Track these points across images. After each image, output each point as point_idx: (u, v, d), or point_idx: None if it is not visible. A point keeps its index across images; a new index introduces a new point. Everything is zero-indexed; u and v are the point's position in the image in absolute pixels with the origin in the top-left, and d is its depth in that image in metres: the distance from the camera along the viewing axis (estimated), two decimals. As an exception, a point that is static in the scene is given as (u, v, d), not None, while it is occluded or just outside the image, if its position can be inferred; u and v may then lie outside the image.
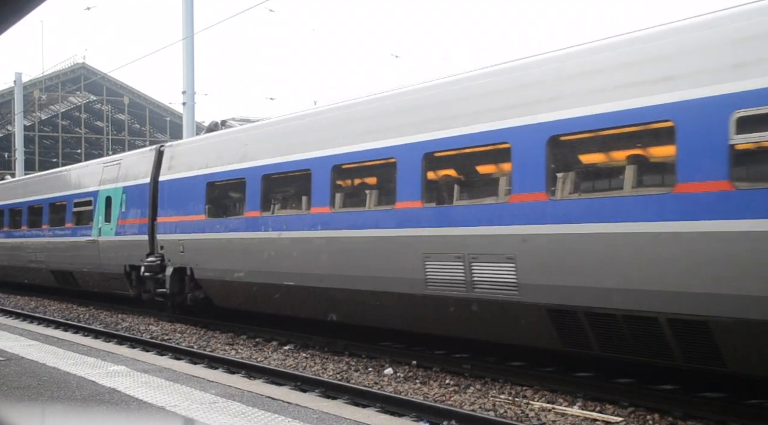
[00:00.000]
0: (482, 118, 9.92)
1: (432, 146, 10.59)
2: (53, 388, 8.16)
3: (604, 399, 8.75)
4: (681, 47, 8.01)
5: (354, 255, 11.85)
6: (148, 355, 12.07)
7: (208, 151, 16.18)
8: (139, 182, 18.57)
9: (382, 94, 12.03)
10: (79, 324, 17.43)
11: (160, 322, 17.48)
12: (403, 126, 11.09)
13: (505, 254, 9.46)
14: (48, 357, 10.55)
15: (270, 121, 15.24)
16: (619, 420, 8.04)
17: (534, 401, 8.93)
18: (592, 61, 8.88)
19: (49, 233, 23.52)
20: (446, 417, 8.05)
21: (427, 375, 10.67)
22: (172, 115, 56.56)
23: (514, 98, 9.63)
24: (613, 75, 8.55)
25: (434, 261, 10.42)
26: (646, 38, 8.41)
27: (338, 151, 12.22)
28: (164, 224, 17.18)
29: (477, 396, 9.32)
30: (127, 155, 20.99)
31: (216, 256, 15.27)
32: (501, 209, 9.62)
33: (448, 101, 10.56)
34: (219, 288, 15.64)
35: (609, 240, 8.36)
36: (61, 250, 22.34)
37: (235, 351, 13.34)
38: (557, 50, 9.49)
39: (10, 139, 54.52)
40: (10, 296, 25.79)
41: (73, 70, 59.20)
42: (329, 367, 11.45)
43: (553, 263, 8.98)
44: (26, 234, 25.43)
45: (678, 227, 7.76)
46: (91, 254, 20.38)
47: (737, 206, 7.34)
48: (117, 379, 8.83)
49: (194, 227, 16.03)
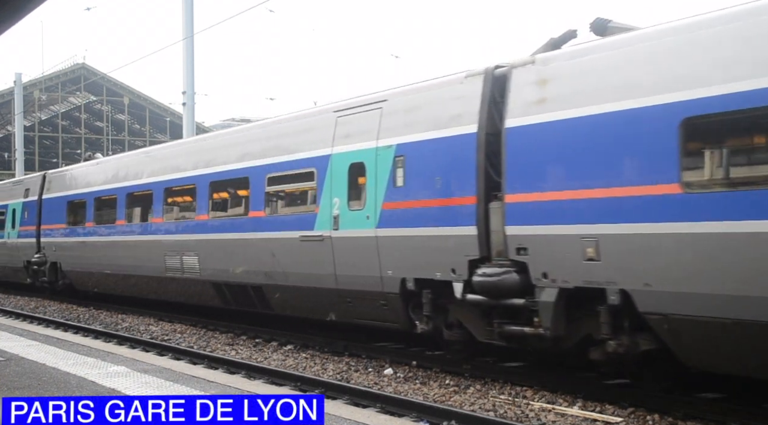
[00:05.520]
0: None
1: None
2: (53, 388, 8.17)
3: (604, 399, 8.75)
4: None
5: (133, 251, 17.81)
6: (148, 355, 12.08)
7: (68, 179, 22.46)
8: (31, 198, 24.30)
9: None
10: (79, 324, 17.41)
11: (160, 322, 17.46)
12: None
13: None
14: (48, 358, 10.56)
15: (102, 160, 22.98)
16: (619, 421, 8.05)
17: (534, 401, 8.93)
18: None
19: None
20: (446, 417, 8.05)
21: (427, 375, 10.67)
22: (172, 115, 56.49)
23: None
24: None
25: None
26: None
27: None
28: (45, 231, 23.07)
29: (477, 396, 9.32)
30: (26, 178, 27.52)
31: (72, 253, 21.31)
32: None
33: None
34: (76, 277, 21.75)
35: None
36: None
37: (235, 351, 13.34)
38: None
39: (10, 139, 54.55)
40: (10, 297, 25.77)
41: (73, 71, 59.12)
42: (329, 367, 11.45)
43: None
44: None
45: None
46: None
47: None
48: (117, 379, 8.84)
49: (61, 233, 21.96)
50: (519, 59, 9.49)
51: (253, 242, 13.60)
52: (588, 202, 8.39)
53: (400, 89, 11.40)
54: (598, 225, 8.29)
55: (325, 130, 12.18)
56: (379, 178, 10.93)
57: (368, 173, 11.13)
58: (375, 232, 10.91)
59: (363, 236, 11.14)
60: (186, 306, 17.41)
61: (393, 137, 10.86)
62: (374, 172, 11.01)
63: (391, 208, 10.77)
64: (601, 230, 8.22)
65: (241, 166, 14.17)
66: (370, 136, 11.21)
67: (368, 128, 11.29)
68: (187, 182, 16.04)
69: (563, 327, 8.86)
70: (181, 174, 16.26)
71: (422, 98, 10.79)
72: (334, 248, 11.64)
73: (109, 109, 62.80)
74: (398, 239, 10.68)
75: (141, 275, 18.00)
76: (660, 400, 8.48)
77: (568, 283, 8.60)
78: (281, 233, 12.91)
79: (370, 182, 11.10)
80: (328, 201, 11.77)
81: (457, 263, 9.76)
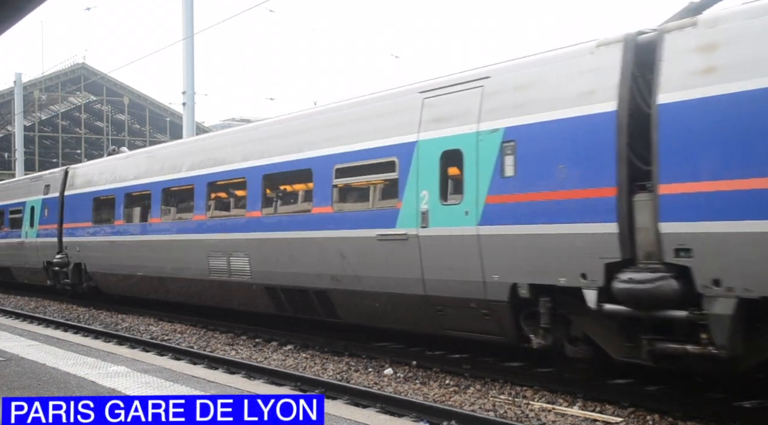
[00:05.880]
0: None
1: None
2: (53, 388, 8.17)
3: (604, 399, 8.75)
4: None
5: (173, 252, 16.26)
6: (148, 355, 12.08)
7: (94, 174, 20.89)
8: (51, 195, 22.73)
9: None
10: (78, 324, 17.41)
11: (160, 322, 17.46)
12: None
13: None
14: (48, 358, 10.56)
15: (131, 153, 20.75)
16: (619, 420, 8.05)
17: (534, 401, 8.93)
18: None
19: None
20: (446, 417, 8.04)
21: (427, 375, 10.67)
22: (172, 115, 56.49)
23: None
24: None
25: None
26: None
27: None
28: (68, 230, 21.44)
29: (477, 396, 9.32)
30: (46, 174, 25.32)
31: (99, 254, 19.85)
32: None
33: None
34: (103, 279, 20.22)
35: None
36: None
37: (235, 351, 13.34)
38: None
39: (10, 139, 54.54)
40: (10, 297, 25.77)
41: (73, 71, 59.11)
42: (329, 367, 11.45)
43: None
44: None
45: None
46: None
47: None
48: (117, 379, 8.84)
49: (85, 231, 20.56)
50: (673, 23, 8.08)
51: (318, 241, 12.09)
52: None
53: (506, 65, 9.91)
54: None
55: (408, 113, 10.72)
56: (482, 167, 9.40)
57: (466, 162, 9.62)
58: (476, 230, 9.42)
59: (460, 234, 9.64)
60: (186, 306, 17.36)
61: (499, 120, 9.33)
62: (474, 160, 9.50)
63: (498, 202, 9.23)
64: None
65: (303, 156, 12.59)
66: (468, 119, 9.71)
67: (465, 110, 9.79)
68: (236, 175, 14.45)
69: (741, 346, 7.37)
70: (228, 167, 14.75)
71: (537, 74, 9.28)
72: (421, 249, 10.20)
73: (109, 109, 62.79)
74: (508, 239, 9.15)
75: (178, 278, 16.43)
76: (660, 400, 8.48)
77: (750, 292, 7.09)
78: (353, 232, 11.43)
79: (469, 172, 9.58)
80: (414, 195, 10.33)
81: (590, 266, 8.26)
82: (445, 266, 9.94)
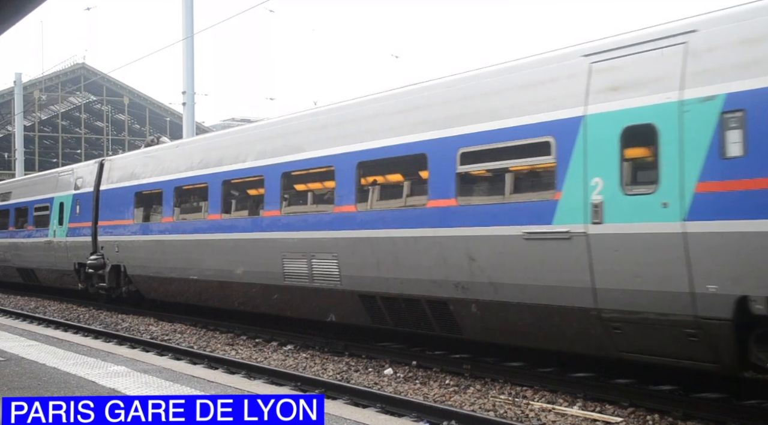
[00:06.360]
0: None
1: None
2: (53, 389, 8.16)
3: (604, 399, 8.75)
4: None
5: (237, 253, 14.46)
6: (148, 355, 12.08)
7: (136, 166, 18.70)
8: (84, 190, 20.71)
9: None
10: (79, 324, 17.41)
11: (160, 322, 17.45)
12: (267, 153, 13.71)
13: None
14: (48, 358, 10.55)
15: (182, 142, 18.98)
16: (619, 421, 8.05)
17: (534, 401, 8.93)
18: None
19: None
20: (446, 417, 8.05)
21: (427, 375, 10.67)
22: (172, 115, 56.53)
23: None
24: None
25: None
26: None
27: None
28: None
29: (477, 396, 9.32)
30: (77, 167, 22.73)
31: (142, 255, 17.84)
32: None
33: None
34: (146, 283, 18.25)
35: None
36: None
37: (235, 351, 13.35)
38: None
39: (10, 139, 54.53)
40: (10, 297, 25.77)
41: (73, 71, 59.15)
42: (329, 367, 11.46)
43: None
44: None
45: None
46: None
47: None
48: (117, 379, 8.83)
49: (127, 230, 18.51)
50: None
51: (436, 241, 10.24)
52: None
53: (721, 14, 7.82)
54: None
55: (567, 83, 8.85)
56: (688, 146, 7.52)
57: (663, 140, 7.74)
58: (682, 226, 7.51)
59: (654, 232, 7.75)
60: (186, 306, 17.31)
61: (716, 84, 7.45)
62: (676, 137, 7.62)
63: (717, 190, 7.32)
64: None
65: (414, 140, 10.67)
66: (664, 85, 7.84)
67: (659, 75, 7.92)
68: (320, 163, 12.45)
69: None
70: (309, 154, 12.71)
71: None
72: (591, 250, 8.28)
73: (109, 109, 62.84)
74: (734, 238, 7.20)
75: (244, 283, 14.41)
76: (660, 400, 8.48)
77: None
78: (488, 229, 9.52)
79: (667, 152, 7.68)
80: (580, 182, 8.42)
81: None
82: (628, 272, 8.02)
